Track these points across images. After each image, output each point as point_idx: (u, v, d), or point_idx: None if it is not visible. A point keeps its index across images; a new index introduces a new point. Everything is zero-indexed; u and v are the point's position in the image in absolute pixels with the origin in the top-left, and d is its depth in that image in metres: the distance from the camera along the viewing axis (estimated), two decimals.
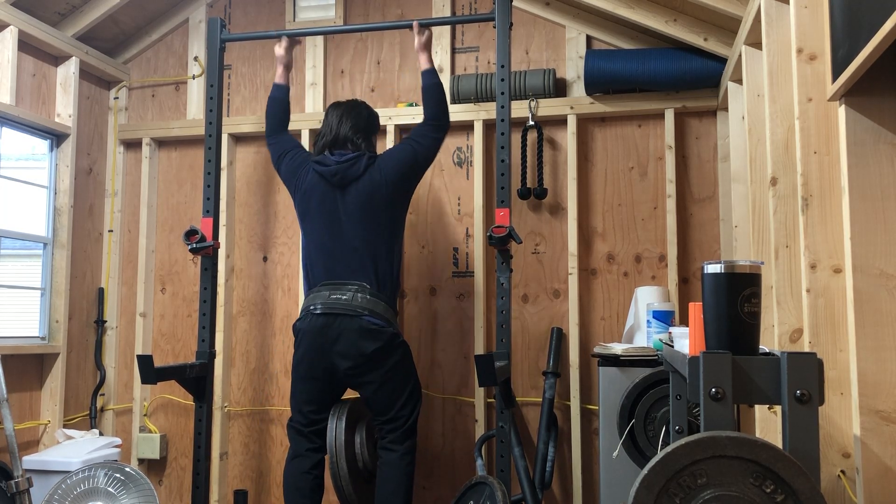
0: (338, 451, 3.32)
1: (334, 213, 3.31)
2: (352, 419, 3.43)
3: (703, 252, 3.82)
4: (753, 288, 1.60)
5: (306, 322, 3.25)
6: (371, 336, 3.18)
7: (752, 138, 2.94)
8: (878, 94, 1.92)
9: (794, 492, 1.39)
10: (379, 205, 3.30)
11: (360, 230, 3.28)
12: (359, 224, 3.29)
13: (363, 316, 3.18)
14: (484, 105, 3.99)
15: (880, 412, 1.85)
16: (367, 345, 3.17)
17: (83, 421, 4.21)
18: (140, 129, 4.44)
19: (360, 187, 3.31)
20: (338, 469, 3.32)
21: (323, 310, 3.20)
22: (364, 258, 3.27)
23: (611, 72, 3.77)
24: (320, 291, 3.27)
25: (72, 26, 4.11)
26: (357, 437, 3.43)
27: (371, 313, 3.19)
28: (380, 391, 3.24)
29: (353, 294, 3.21)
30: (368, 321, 3.18)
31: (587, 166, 3.97)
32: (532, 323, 3.95)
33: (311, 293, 3.31)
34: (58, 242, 4.07)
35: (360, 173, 3.32)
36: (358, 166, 3.32)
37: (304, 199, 3.38)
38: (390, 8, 4.26)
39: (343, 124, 3.41)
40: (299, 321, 3.31)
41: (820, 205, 2.14)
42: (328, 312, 3.20)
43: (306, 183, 3.39)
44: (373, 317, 3.19)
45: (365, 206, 3.29)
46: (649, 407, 2.79)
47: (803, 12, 2.21)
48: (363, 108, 3.51)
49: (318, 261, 3.32)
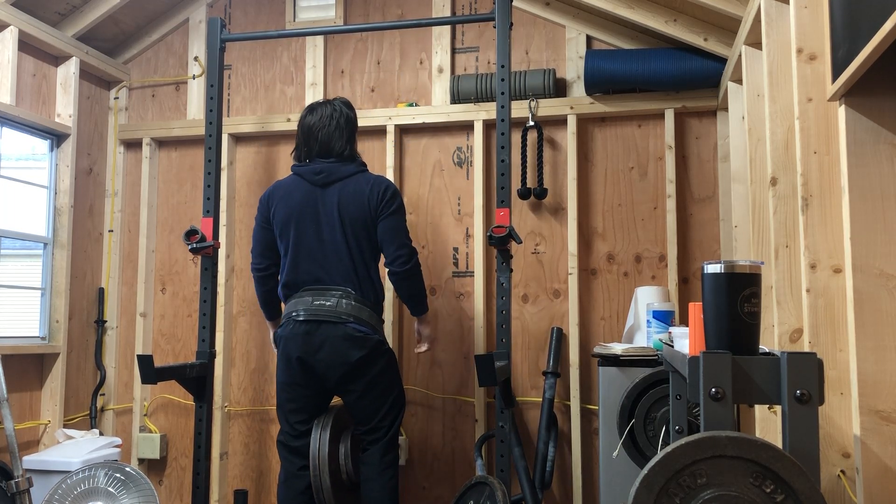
0: (321, 462, 3.18)
1: (315, 214, 3.20)
2: (337, 428, 3.30)
3: (703, 252, 3.82)
4: (753, 288, 1.60)
5: (288, 329, 3.15)
6: (356, 343, 3.11)
7: (752, 138, 2.94)
8: (878, 94, 1.92)
9: (794, 492, 1.39)
10: (351, 212, 3.19)
11: (343, 233, 3.17)
12: (342, 227, 3.18)
13: (348, 323, 3.10)
14: (484, 105, 3.99)
15: (880, 412, 1.86)
16: (352, 352, 3.10)
17: (83, 421, 4.22)
18: (140, 129, 4.44)
19: (347, 188, 3.20)
20: (320, 483, 3.18)
21: (306, 316, 3.11)
22: (348, 262, 3.16)
23: (611, 72, 3.77)
24: (302, 297, 3.16)
25: (72, 26, 4.12)
26: (342, 447, 3.30)
27: (356, 320, 3.11)
28: (363, 399, 3.17)
29: (338, 300, 3.12)
30: (354, 328, 3.10)
31: (587, 166, 3.98)
32: (532, 323, 3.95)
33: (293, 298, 3.20)
34: (58, 242, 4.07)
35: (350, 175, 3.23)
36: (348, 168, 3.24)
37: (283, 203, 3.24)
38: (390, 8, 4.26)
39: (324, 132, 3.29)
40: (281, 328, 3.21)
41: (820, 205, 2.15)
42: (311, 319, 3.11)
43: (281, 190, 3.29)
44: (358, 323, 3.11)
45: (349, 208, 3.18)
46: (649, 407, 2.79)
47: (803, 12, 2.21)
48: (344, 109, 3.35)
49: (299, 264, 3.20)
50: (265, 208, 3.32)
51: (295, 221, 3.22)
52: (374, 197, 3.20)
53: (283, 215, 3.24)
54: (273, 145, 4.32)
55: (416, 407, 4.01)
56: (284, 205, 3.24)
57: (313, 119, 3.30)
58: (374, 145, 4.17)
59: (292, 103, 4.33)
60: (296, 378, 3.18)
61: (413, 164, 4.16)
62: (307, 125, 3.31)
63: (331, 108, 3.32)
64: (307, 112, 3.35)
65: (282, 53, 4.37)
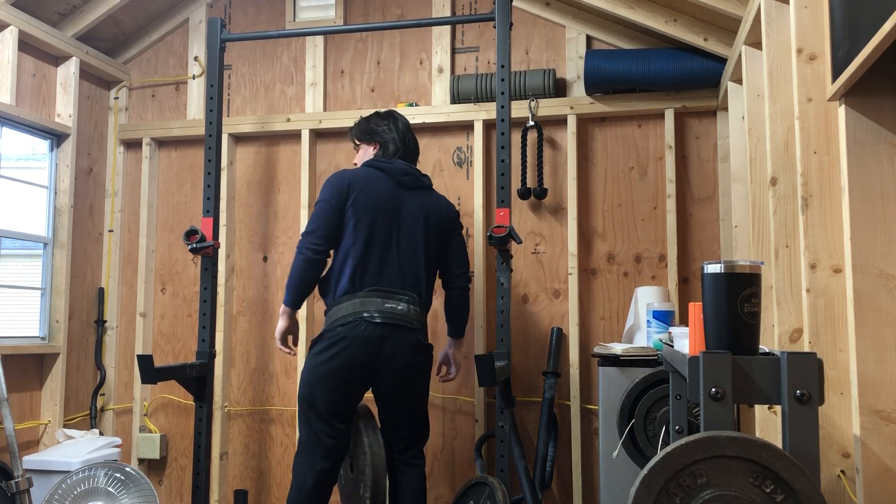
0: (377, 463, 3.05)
1: (395, 214, 3.11)
2: (377, 429, 3.21)
3: (703, 252, 3.82)
4: (753, 288, 1.60)
5: (359, 330, 2.96)
6: (423, 352, 3.09)
7: (751, 138, 2.94)
8: (878, 94, 1.92)
9: (794, 492, 1.39)
10: (435, 222, 3.18)
11: (425, 240, 3.14)
12: (425, 234, 3.14)
13: (418, 330, 3.06)
14: (484, 105, 3.99)
15: (880, 412, 1.86)
16: (417, 360, 3.06)
17: (83, 421, 4.22)
18: (140, 129, 4.44)
19: (425, 199, 3.19)
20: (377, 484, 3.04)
21: (382, 319, 2.97)
22: (422, 270, 3.12)
23: (611, 72, 3.77)
24: (371, 297, 3.01)
25: (72, 26, 4.12)
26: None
27: (423, 328, 3.10)
28: (417, 407, 3.14)
29: (407, 306, 3.04)
30: (422, 336, 3.09)
31: (587, 166, 3.98)
32: (532, 323, 3.95)
33: (357, 297, 3.01)
34: (58, 242, 4.07)
35: (430, 186, 3.25)
36: (428, 180, 3.24)
37: (365, 192, 3.09)
38: (390, 8, 4.26)
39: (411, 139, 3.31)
40: (345, 326, 2.98)
41: (820, 205, 2.15)
42: (388, 322, 2.98)
43: (360, 178, 3.12)
44: (423, 332, 3.11)
45: (425, 218, 3.15)
46: (649, 407, 2.79)
47: (803, 12, 2.21)
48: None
49: (370, 260, 3.05)
50: (342, 190, 3.08)
51: (373, 215, 3.08)
52: (452, 214, 3.26)
53: (364, 205, 3.07)
54: (273, 145, 4.32)
55: None
56: (366, 195, 3.08)
57: (403, 123, 3.33)
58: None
59: (292, 103, 4.33)
60: (353, 379, 3.00)
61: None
62: (404, 125, 3.31)
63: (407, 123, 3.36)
64: (394, 114, 3.34)
65: (282, 53, 4.37)
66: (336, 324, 3.01)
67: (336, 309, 3.04)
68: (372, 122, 3.33)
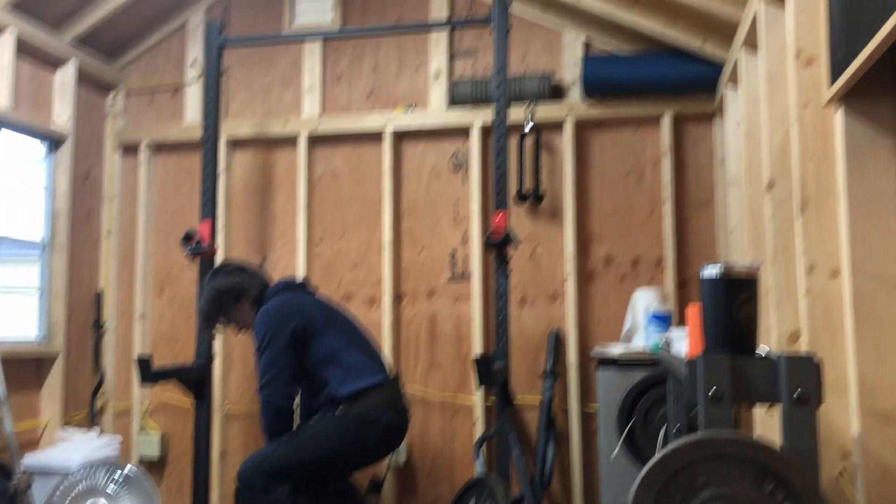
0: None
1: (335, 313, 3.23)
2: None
3: (701, 256, 3.83)
4: (751, 291, 1.62)
5: (399, 417, 3.11)
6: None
7: (748, 142, 2.95)
8: (876, 98, 1.94)
9: (793, 492, 1.40)
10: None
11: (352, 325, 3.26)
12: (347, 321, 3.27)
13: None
14: (481, 109, 3.99)
15: (879, 412, 1.87)
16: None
17: (83, 421, 4.21)
18: (137, 134, 4.44)
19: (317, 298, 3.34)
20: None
21: (402, 403, 3.15)
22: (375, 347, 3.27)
23: (608, 76, 3.78)
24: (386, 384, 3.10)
25: (70, 30, 4.11)
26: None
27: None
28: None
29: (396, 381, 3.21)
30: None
31: (584, 170, 3.99)
32: (530, 326, 3.96)
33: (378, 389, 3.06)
34: (56, 246, 4.06)
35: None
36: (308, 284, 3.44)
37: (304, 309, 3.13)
38: (388, 12, 4.26)
39: (252, 266, 3.41)
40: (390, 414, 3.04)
41: (817, 208, 2.16)
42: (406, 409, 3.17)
43: (288, 304, 3.15)
44: None
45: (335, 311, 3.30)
46: (648, 407, 2.80)
47: (800, 16, 2.23)
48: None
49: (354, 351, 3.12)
50: (288, 323, 3.04)
51: (328, 319, 3.15)
52: None
53: (315, 317, 3.11)
54: (270, 149, 4.32)
55: (415, 407, 4.00)
56: (308, 310, 3.13)
57: (234, 265, 3.35)
58: (370, 150, 4.18)
59: (289, 107, 4.33)
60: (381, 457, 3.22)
61: (410, 168, 4.17)
62: (238, 264, 3.36)
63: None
64: (225, 265, 3.36)
65: (279, 58, 4.37)
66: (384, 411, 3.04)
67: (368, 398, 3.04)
68: (222, 290, 3.21)
